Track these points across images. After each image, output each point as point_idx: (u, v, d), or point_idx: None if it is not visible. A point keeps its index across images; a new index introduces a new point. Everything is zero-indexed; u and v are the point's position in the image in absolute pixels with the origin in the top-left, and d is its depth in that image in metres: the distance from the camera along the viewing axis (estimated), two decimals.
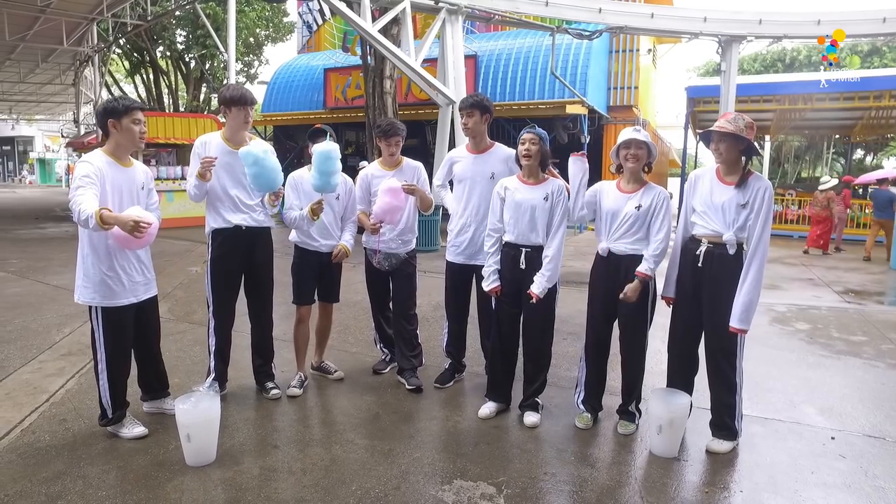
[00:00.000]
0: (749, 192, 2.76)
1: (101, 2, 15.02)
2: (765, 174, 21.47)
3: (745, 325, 2.77)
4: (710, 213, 2.83)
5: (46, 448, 2.82)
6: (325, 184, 3.34)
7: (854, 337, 5.08)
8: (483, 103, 3.47)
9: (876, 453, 2.93)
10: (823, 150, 23.81)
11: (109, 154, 2.84)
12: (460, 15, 9.73)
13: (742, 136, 2.76)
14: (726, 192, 2.80)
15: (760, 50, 27.14)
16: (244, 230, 3.34)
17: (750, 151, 2.83)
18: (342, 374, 3.83)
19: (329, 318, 3.82)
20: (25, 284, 6.64)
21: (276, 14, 20.40)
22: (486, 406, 3.30)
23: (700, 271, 2.87)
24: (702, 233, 2.87)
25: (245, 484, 2.54)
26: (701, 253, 2.85)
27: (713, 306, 2.86)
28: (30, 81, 22.37)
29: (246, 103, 3.26)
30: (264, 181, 3.20)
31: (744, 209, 2.76)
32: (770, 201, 2.74)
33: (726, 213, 2.78)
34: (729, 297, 2.78)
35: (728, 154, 2.81)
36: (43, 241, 10.48)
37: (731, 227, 2.77)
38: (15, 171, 40.98)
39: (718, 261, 2.82)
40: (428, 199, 3.71)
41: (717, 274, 2.83)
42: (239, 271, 3.42)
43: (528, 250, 3.11)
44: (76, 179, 2.69)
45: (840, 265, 9.25)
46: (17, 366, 3.95)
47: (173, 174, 12.83)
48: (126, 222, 2.51)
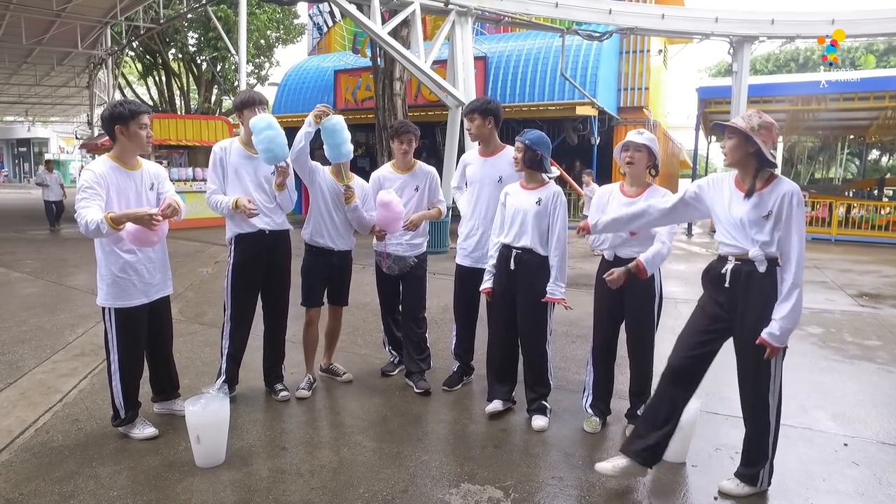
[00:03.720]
0: (771, 201, 2.37)
1: (115, 5, 15.24)
2: None
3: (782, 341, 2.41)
4: (730, 228, 2.48)
5: (59, 448, 2.86)
6: (339, 154, 3.40)
7: (868, 341, 5.02)
8: (484, 107, 3.45)
9: (890, 461, 2.89)
10: (837, 150, 23.53)
11: (115, 159, 2.85)
12: (470, 17, 9.74)
13: (751, 136, 2.36)
14: (744, 203, 2.44)
15: (773, 50, 26.88)
16: (267, 234, 3.36)
17: (758, 156, 2.38)
18: (351, 376, 3.84)
19: (338, 321, 3.83)
20: (40, 285, 6.74)
21: (286, 16, 20.56)
22: (492, 403, 3.32)
23: (729, 291, 2.49)
24: (726, 250, 2.52)
25: (254, 485, 2.56)
26: (727, 272, 2.48)
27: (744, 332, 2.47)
28: (45, 84, 22.74)
29: (255, 104, 3.29)
30: (277, 146, 3.15)
31: (766, 221, 2.37)
32: (799, 207, 2.36)
33: (745, 228, 2.42)
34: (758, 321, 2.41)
35: (732, 154, 2.44)
36: (57, 241, 10.63)
37: (756, 243, 2.40)
38: (31, 172, 41.56)
39: (747, 279, 2.44)
40: (433, 215, 3.75)
41: (749, 295, 2.44)
42: (260, 275, 3.43)
43: (519, 252, 3.13)
44: (79, 191, 2.72)
45: (854, 267, 9.14)
46: (31, 366, 4.01)
47: (185, 175, 12.94)
48: (138, 214, 2.62)
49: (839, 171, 25.28)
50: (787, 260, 2.39)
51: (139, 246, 2.84)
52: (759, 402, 2.52)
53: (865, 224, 12.60)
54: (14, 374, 3.83)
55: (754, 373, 2.51)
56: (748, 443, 2.59)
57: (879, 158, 28.06)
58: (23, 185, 35.62)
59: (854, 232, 12.47)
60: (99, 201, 2.69)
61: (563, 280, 3.11)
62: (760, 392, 2.51)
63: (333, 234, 3.56)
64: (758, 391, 2.51)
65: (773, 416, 2.54)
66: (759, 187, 2.41)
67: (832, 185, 20.30)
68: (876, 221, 12.65)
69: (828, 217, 12.94)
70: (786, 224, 2.36)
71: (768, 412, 2.52)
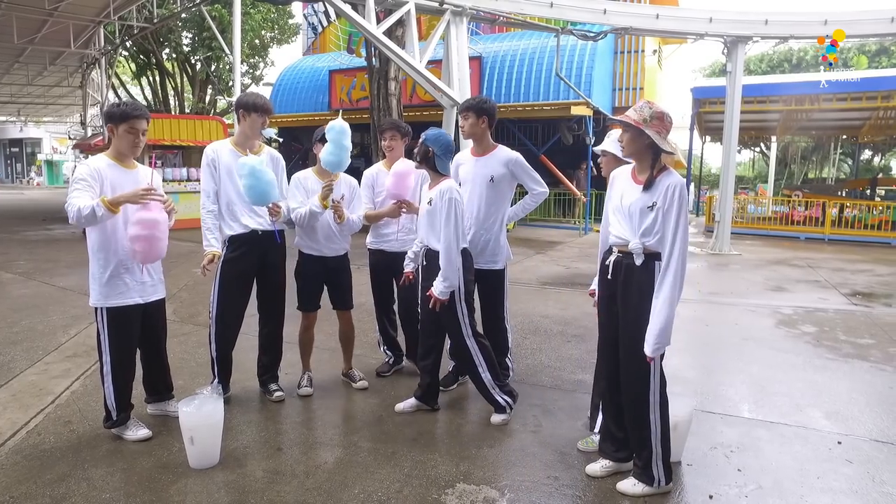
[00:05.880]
0: (657, 192, 2.37)
1: (108, 5, 15.16)
2: (771, 175, 21.37)
3: (655, 351, 2.37)
4: (620, 218, 2.50)
5: (51, 450, 2.83)
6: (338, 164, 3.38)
7: (861, 340, 5.04)
8: (479, 106, 3.44)
9: (883, 458, 2.90)
10: (830, 150, 23.66)
11: (111, 157, 2.87)
12: (465, 16, 9.73)
13: (643, 129, 2.34)
14: (636, 193, 2.44)
15: (767, 50, 27.01)
16: (260, 234, 3.33)
17: (653, 147, 2.38)
18: (366, 383, 3.71)
19: (349, 325, 3.76)
20: (32, 286, 6.68)
21: (281, 16, 20.49)
22: (407, 402, 3.37)
23: (611, 284, 2.55)
24: (612, 241, 2.55)
25: (248, 487, 2.54)
26: (610, 263, 2.53)
27: (626, 327, 2.50)
28: (38, 84, 22.58)
29: (268, 113, 3.28)
30: (256, 193, 3.11)
31: (650, 211, 2.38)
32: (681, 200, 2.35)
33: (633, 218, 2.43)
34: (637, 315, 2.43)
35: (629, 147, 2.44)
36: (50, 242, 10.55)
37: (637, 234, 2.42)
38: (23, 173, 41.29)
39: (626, 273, 2.46)
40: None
41: (627, 289, 2.47)
42: (251, 276, 3.40)
43: (426, 249, 3.28)
44: (73, 182, 2.73)
45: (847, 267, 9.19)
46: (23, 367, 3.98)
47: (179, 175, 12.87)
48: (134, 193, 2.65)
49: (832, 171, 25.43)
50: (667, 254, 2.36)
51: (146, 260, 2.80)
52: (638, 398, 2.50)
53: (858, 223, 12.67)
54: (6, 376, 3.80)
55: (636, 370, 2.49)
56: (631, 438, 2.58)
57: (872, 158, 28.23)
58: (15, 186, 35.38)
59: (847, 231, 12.54)
60: (91, 192, 2.68)
61: (446, 279, 3.03)
62: (639, 389, 2.49)
63: (324, 242, 3.52)
64: (637, 388, 2.50)
65: (655, 413, 2.50)
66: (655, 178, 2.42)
67: (825, 185, 20.39)
68: (868, 221, 12.73)
69: (821, 217, 13.02)
70: (665, 216, 2.36)
71: (647, 408, 2.49)
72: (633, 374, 2.51)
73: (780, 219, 13.78)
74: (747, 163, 33.48)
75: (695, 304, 6.33)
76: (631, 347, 2.47)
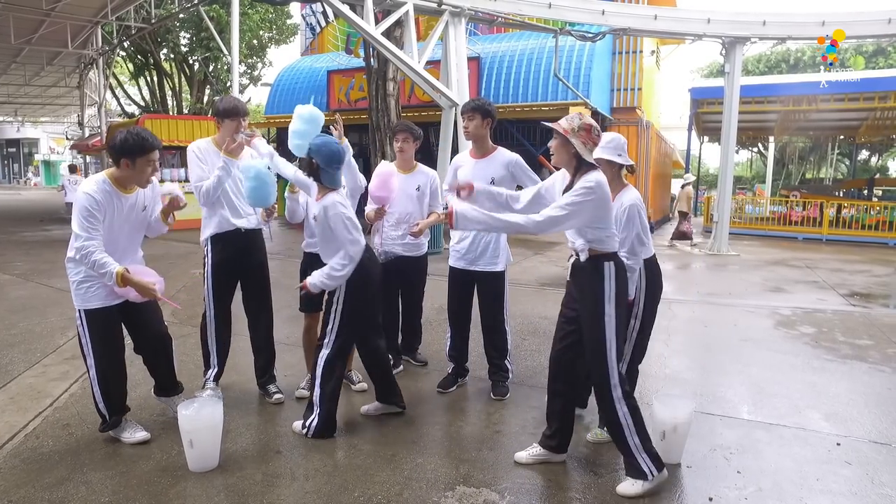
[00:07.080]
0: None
1: (106, 5, 15.11)
2: (769, 175, 21.44)
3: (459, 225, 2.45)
4: None
5: (50, 453, 2.82)
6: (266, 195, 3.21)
7: (860, 341, 5.05)
8: (484, 107, 3.46)
9: (882, 460, 2.91)
10: (828, 151, 23.73)
11: (114, 181, 2.76)
12: (463, 17, 9.74)
13: (569, 138, 2.45)
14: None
15: (764, 51, 27.07)
16: (243, 233, 3.37)
17: (577, 157, 2.47)
18: (365, 385, 3.71)
19: None
20: (30, 287, 6.66)
21: (279, 16, 20.48)
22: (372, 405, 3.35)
23: (571, 283, 2.71)
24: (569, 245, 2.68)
25: (248, 490, 2.53)
26: (570, 264, 2.69)
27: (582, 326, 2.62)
28: (35, 84, 22.50)
29: (239, 115, 3.27)
30: (260, 196, 3.17)
31: None
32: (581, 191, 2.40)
33: None
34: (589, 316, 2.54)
35: (558, 154, 2.55)
36: (47, 243, 10.52)
37: (573, 232, 2.56)
38: (20, 173, 41.20)
39: (579, 272, 2.61)
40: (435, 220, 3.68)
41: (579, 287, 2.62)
42: (237, 274, 3.46)
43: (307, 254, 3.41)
44: (82, 218, 2.64)
45: (845, 267, 9.21)
46: (21, 370, 3.96)
47: (177, 176, 12.84)
48: (146, 287, 2.70)
49: (830, 172, 25.49)
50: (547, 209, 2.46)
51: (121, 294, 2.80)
52: (602, 395, 2.58)
53: (856, 224, 12.71)
54: (3, 379, 3.79)
55: (597, 372, 2.57)
56: (611, 436, 2.65)
57: (869, 159, 28.31)
58: (12, 186, 35.29)
59: (845, 232, 12.58)
60: (100, 232, 2.68)
61: (324, 277, 2.92)
62: (601, 391, 2.58)
63: None
64: (600, 390, 2.59)
65: (622, 407, 2.55)
66: None
67: (823, 186, 20.46)
68: (866, 221, 12.77)
69: (818, 217, 13.05)
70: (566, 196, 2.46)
71: (614, 405, 2.55)
72: (595, 376, 2.59)
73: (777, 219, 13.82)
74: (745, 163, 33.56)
75: (693, 305, 6.34)
76: (591, 345, 2.57)
